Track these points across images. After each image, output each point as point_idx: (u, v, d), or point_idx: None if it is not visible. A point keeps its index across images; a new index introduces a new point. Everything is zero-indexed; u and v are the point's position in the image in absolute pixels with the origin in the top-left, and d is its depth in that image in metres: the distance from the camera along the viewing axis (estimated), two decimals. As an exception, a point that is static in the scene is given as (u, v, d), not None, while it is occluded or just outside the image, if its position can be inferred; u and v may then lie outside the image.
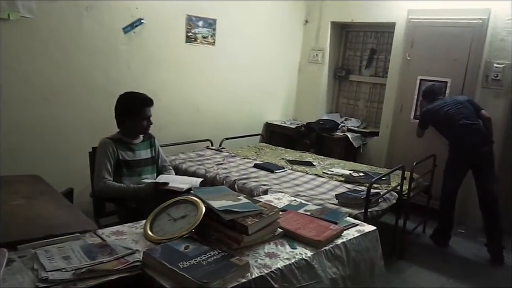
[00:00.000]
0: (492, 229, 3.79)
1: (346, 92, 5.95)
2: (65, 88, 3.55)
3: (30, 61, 3.31)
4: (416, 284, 3.28)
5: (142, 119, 2.72)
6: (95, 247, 1.55)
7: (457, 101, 3.87)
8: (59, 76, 3.49)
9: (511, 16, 4.20)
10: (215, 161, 4.13)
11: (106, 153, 2.62)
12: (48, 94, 3.45)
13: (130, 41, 3.91)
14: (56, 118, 3.52)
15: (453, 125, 3.79)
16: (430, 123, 4.02)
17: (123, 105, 2.73)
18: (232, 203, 1.77)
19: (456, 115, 3.78)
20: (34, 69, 3.34)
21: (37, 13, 3.25)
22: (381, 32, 5.51)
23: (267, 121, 5.66)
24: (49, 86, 3.45)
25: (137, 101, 2.71)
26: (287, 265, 1.63)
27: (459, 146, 3.84)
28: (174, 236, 1.68)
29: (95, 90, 3.74)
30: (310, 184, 3.63)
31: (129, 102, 2.72)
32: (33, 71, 3.34)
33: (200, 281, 1.35)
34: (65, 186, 2.70)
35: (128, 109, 2.70)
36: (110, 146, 2.64)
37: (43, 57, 3.37)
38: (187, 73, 4.49)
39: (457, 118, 3.77)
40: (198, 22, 4.46)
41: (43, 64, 3.38)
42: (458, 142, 3.84)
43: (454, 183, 3.91)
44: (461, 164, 3.88)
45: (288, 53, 5.76)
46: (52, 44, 3.41)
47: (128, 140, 2.75)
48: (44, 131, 3.46)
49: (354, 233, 2.04)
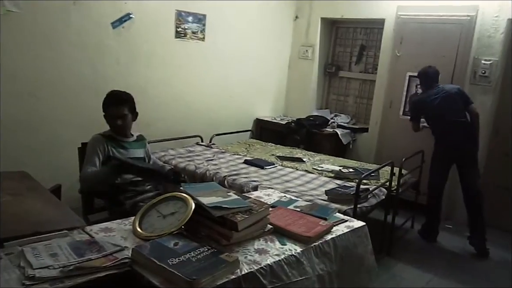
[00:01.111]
0: (475, 223, 3.83)
1: (336, 88, 5.96)
2: (53, 83, 3.51)
3: (17, 56, 3.26)
4: (404, 279, 3.32)
5: (111, 117, 2.63)
6: (83, 244, 1.54)
7: (447, 94, 3.82)
8: (46, 71, 3.45)
9: (498, 13, 4.25)
10: (205, 157, 4.12)
11: (95, 149, 2.58)
12: (35, 89, 3.41)
13: (118, 36, 3.87)
14: (43, 113, 3.49)
15: (441, 120, 3.82)
16: (421, 113, 4.01)
17: (102, 103, 2.67)
18: (221, 199, 1.77)
19: (445, 110, 3.79)
20: (21, 64, 3.30)
21: (23, 7, 3.20)
22: (370, 29, 5.53)
23: (257, 117, 5.65)
24: (36, 81, 3.41)
25: (105, 100, 2.63)
26: (276, 261, 1.63)
27: (443, 142, 3.88)
28: (164, 233, 1.67)
29: (83, 86, 3.70)
30: (300, 180, 3.63)
31: (104, 100, 2.65)
32: (20, 66, 3.30)
33: (190, 277, 1.34)
34: (53, 183, 2.66)
35: (103, 108, 2.64)
36: (100, 142, 2.60)
37: (30, 52, 3.33)
38: (176, 69, 4.47)
39: (445, 113, 3.79)
40: (187, 18, 4.43)
41: (30, 59, 3.34)
42: (443, 138, 3.88)
43: (438, 178, 3.95)
44: (444, 160, 3.93)
45: (278, 49, 5.76)
46: (39, 39, 3.36)
47: (119, 138, 2.70)
48: (32, 127, 3.43)
49: (344, 229, 2.05)
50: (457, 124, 3.77)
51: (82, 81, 3.69)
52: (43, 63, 3.42)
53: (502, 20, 4.24)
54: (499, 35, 4.28)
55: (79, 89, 3.68)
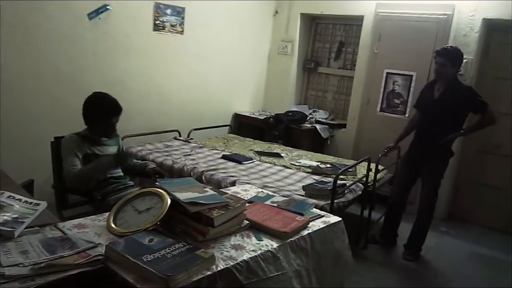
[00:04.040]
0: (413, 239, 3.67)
1: (315, 84, 5.99)
2: (26, 75, 3.41)
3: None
4: (381, 273, 3.38)
5: (109, 125, 2.65)
6: (55, 241, 1.50)
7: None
8: (20, 62, 3.35)
9: (474, 13, 4.33)
10: (183, 152, 4.09)
11: (71, 149, 2.54)
12: (7, 82, 3.30)
13: (95, 28, 3.79)
14: (15, 106, 3.38)
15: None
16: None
17: (93, 107, 2.62)
18: (198, 195, 1.75)
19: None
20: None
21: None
22: (349, 25, 5.57)
23: (236, 112, 5.63)
24: (9, 73, 3.30)
25: (105, 108, 2.61)
26: (253, 257, 1.63)
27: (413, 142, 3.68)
28: (139, 229, 1.64)
29: (58, 78, 3.61)
30: (278, 175, 3.64)
31: (101, 107, 2.62)
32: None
33: (164, 274, 1.33)
34: (25, 178, 2.60)
35: (97, 114, 2.61)
36: (75, 141, 2.57)
37: (2, 43, 3.22)
38: (155, 62, 4.40)
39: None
40: (166, 10, 4.37)
41: (3, 50, 3.23)
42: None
43: (401, 181, 3.75)
44: (407, 162, 3.71)
45: (257, 44, 5.74)
46: (13, 30, 3.26)
47: (95, 137, 2.68)
48: (3, 121, 3.32)
49: (320, 224, 2.06)
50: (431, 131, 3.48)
51: (57, 74, 3.60)
52: (17, 54, 3.32)
53: (477, 20, 4.33)
54: (474, 34, 4.36)
55: (53, 81, 3.59)
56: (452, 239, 4.23)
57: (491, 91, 4.46)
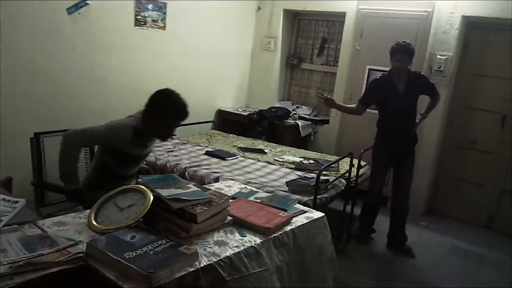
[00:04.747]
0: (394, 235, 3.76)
1: (298, 80, 6.00)
2: (2, 72, 3.33)
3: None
4: (363, 267, 3.41)
5: (169, 128, 2.49)
6: (34, 239, 1.48)
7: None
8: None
9: (453, 10, 4.40)
10: (166, 148, 4.06)
11: (106, 138, 2.38)
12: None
13: (75, 23, 3.72)
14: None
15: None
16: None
17: (164, 105, 2.43)
18: (181, 191, 1.74)
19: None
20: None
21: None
22: (332, 21, 5.59)
23: (219, 108, 5.62)
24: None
25: (175, 111, 2.44)
26: (236, 253, 1.63)
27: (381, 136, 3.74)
28: (120, 226, 1.63)
29: (37, 74, 3.54)
30: (261, 171, 3.65)
31: (172, 110, 2.43)
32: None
33: (146, 271, 1.32)
34: (4, 175, 2.54)
35: (163, 114, 2.41)
36: (124, 135, 2.38)
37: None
38: (136, 58, 4.35)
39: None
40: (147, 5, 4.32)
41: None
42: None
43: (379, 177, 3.77)
44: (383, 157, 3.71)
45: (240, 40, 5.72)
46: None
47: (147, 136, 2.51)
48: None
49: (303, 219, 2.07)
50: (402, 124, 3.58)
51: (36, 69, 3.53)
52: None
53: (457, 17, 4.39)
54: (453, 31, 4.43)
55: (31, 78, 3.51)
56: (432, 234, 4.29)
57: (470, 88, 4.56)
